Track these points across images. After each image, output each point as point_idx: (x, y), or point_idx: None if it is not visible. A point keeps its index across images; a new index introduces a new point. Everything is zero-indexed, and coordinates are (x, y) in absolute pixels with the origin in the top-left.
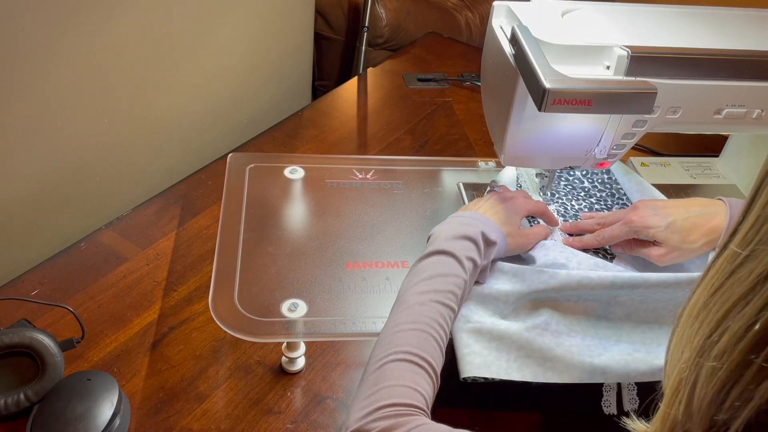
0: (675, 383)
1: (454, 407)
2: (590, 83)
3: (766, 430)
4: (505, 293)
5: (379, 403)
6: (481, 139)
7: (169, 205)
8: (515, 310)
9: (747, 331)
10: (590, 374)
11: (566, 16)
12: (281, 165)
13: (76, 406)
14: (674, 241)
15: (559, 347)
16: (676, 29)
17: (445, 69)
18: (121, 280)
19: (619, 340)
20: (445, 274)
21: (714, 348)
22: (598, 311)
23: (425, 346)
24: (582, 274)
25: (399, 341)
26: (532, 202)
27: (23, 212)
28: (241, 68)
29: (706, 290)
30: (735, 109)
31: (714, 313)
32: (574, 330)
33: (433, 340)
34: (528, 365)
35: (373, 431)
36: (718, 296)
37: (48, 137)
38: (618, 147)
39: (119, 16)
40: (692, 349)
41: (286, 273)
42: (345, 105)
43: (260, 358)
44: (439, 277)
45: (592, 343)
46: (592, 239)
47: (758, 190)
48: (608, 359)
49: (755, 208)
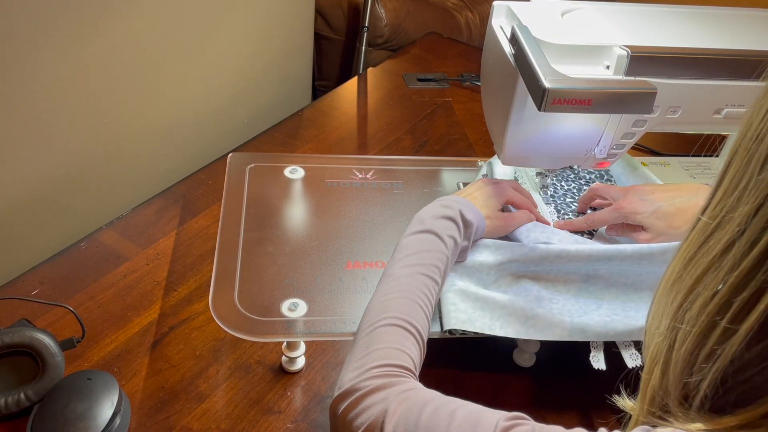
0: (654, 352)
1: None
2: (590, 83)
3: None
4: (487, 265)
5: (371, 364)
6: (480, 138)
7: (170, 205)
8: (497, 281)
9: (714, 296)
10: (570, 332)
11: (566, 16)
12: (281, 165)
13: (77, 406)
14: (660, 226)
15: (541, 308)
16: (676, 29)
17: (445, 69)
18: (121, 279)
19: (599, 307)
20: (428, 249)
21: (686, 314)
22: (578, 283)
23: (413, 313)
24: (560, 247)
25: (388, 308)
26: (516, 192)
27: (24, 212)
28: (241, 68)
29: (680, 261)
30: (735, 108)
31: (687, 282)
32: (555, 298)
33: (419, 308)
34: (511, 323)
35: (366, 389)
36: (691, 266)
37: (48, 137)
38: (618, 147)
39: (120, 16)
40: (668, 317)
41: (286, 272)
42: (345, 105)
43: (260, 358)
44: (424, 252)
45: (573, 308)
46: (581, 222)
47: (728, 164)
48: (588, 319)
49: (725, 181)
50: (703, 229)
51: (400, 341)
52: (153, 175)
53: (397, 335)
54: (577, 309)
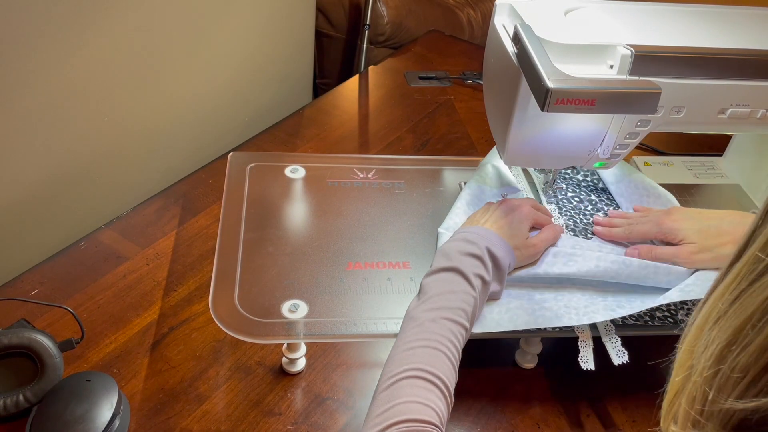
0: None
1: None
2: (593, 83)
3: None
4: None
5: (392, 420)
6: (482, 138)
7: (170, 205)
8: None
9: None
10: (579, 319)
11: (569, 15)
12: (282, 164)
13: (76, 408)
14: (707, 243)
15: (547, 302)
16: (680, 28)
17: (446, 67)
18: (120, 279)
19: (605, 299)
20: (454, 290)
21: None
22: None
23: (437, 364)
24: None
25: (410, 359)
26: (538, 212)
27: (23, 212)
28: (242, 66)
29: (726, 296)
30: (739, 108)
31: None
32: (561, 293)
33: (445, 357)
34: (519, 315)
35: None
36: (737, 304)
37: (48, 136)
38: (621, 147)
39: (120, 15)
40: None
41: (286, 273)
42: (346, 103)
43: (260, 359)
44: (449, 293)
45: (579, 301)
46: (620, 232)
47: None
48: (594, 309)
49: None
50: (753, 263)
51: (424, 394)
52: (153, 175)
53: (420, 388)
54: (584, 300)
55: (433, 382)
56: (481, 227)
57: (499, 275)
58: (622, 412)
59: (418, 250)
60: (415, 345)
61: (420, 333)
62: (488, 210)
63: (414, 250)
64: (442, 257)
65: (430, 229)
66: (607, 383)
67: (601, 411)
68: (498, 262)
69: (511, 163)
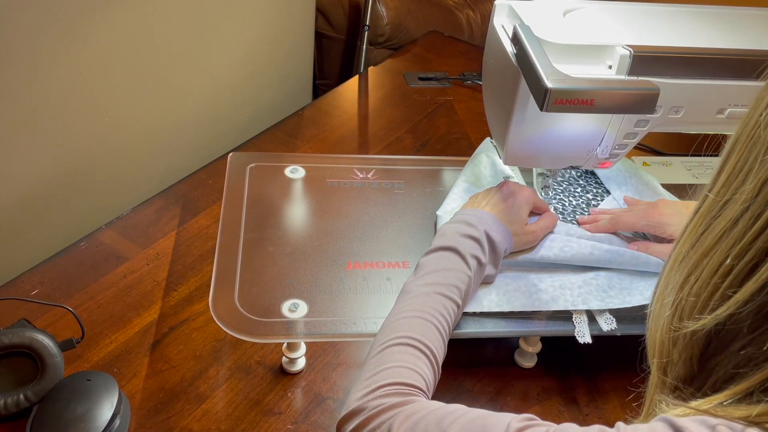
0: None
1: None
2: (592, 83)
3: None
4: None
5: (381, 383)
6: (482, 138)
7: (170, 205)
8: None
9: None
10: (573, 303)
11: (568, 15)
12: (282, 164)
13: (76, 407)
14: None
15: (543, 283)
16: (679, 28)
17: (446, 68)
18: (121, 279)
19: (597, 276)
20: (450, 268)
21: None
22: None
23: (428, 334)
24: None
25: (402, 327)
26: (539, 197)
27: (23, 212)
28: (242, 67)
29: (687, 241)
30: (738, 108)
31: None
32: (555, 275)
33: (435, 329)
34: (517, 297)
35: (375, 409)
36: (698, 244)
37: (48, 137)
38: (620, 147)
39: (120, 15)
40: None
41: (286, 273)
42: (346, 104)
43: (260, 359)
44: (444, 270)
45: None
46: (605, 224)
47: (732, 148)
48: (587, 290)
49: (729, 163)
50: (709, 208)
51: (413, 361)
52: (153, 175)
53: (409, 355)
54: (578, 281)
55: (422, 351)
56: (482, 210)
57: (495, 259)
58: (621, 411)
59: (418, 250)
60: (408, 315)
61: (413, 304)
62: (489, 193)
63: (413, 250)
64: (441, 237)
65: (429, 228)
66: (608, 383)
67: (601, 410)
68: (495, 247)
69: (510, 163)
